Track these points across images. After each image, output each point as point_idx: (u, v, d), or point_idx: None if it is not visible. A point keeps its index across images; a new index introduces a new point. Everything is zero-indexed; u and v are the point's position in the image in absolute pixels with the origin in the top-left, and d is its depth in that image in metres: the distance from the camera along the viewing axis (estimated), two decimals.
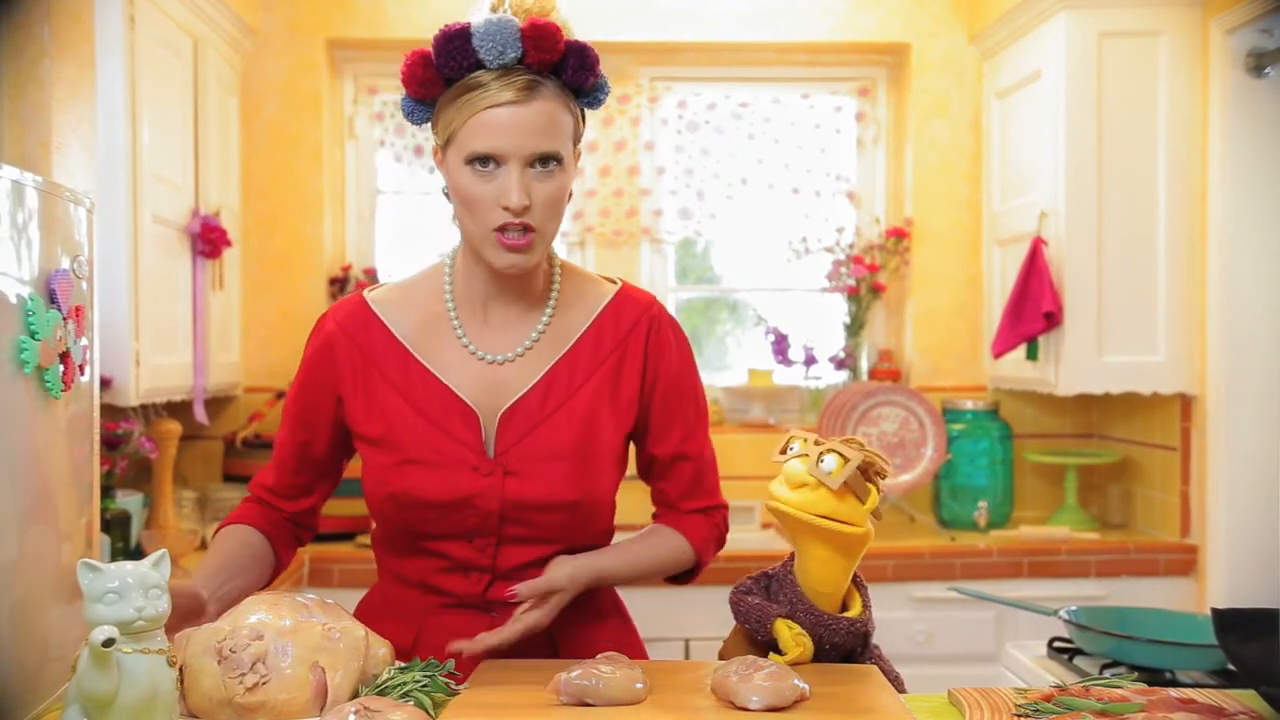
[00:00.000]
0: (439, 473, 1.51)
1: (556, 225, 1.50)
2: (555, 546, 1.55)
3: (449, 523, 1.52)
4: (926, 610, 3.23)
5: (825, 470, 1.40)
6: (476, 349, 1.55)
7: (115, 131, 2.74)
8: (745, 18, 3.77)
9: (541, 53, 1.42)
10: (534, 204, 1.44)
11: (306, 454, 1.62)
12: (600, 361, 1.57)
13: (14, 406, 1.37)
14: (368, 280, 3.79)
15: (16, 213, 1.40)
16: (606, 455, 1.55)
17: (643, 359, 1.58)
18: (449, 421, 1.52)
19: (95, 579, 1.12)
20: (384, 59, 3.84)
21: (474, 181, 1.45)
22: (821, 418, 3.65)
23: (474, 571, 1.55)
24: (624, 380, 1.57)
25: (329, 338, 1.59)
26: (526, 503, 1.51)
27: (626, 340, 1.58)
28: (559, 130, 1.45)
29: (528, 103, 1.42)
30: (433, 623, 1.56)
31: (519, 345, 1.55)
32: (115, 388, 2.72)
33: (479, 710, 1.24)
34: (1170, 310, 3.25)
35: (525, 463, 1.51)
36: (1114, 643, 2.14)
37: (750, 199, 3.87)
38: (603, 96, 1.51)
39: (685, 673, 1.40)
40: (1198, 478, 3.24)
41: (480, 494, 1.51)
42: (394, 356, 1.55)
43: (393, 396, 1.54)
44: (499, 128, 1.42)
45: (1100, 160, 3.25)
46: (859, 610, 1.49)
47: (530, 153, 1.43)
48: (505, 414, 1.52)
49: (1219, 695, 1.42)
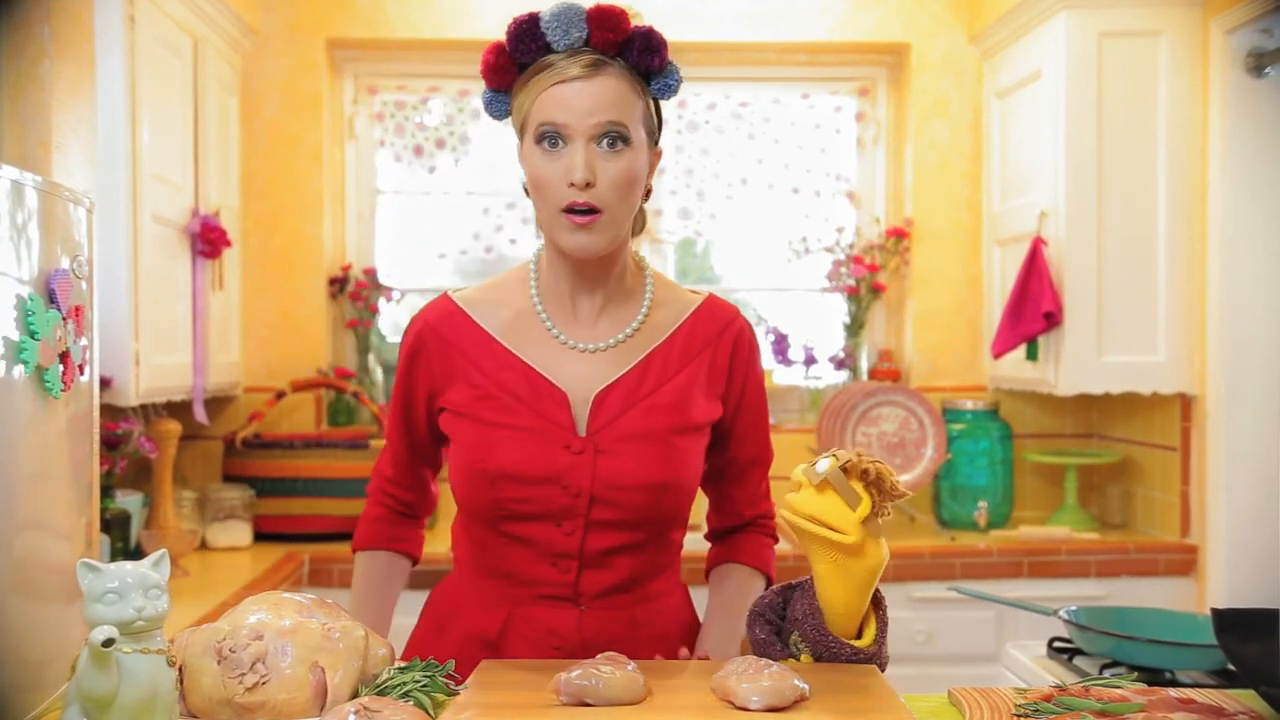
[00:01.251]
0: (532, 449, 1.52)
1: (627, 210, 1.51)
2: (641, 533, 1.56)
3: (539, 502, 1.52)
4: (926, 610, 3.23)
5: (818, 470, 1.39)
6: (567, 339, 1.58)
7: (115, 131, 2.74)
8: (745, 18, 3.77)
9: (606, 33, 1.45)
10: (600, 183, 1.46)
11: (414, 446, 1.70)
12: (692, 356, 1.60)
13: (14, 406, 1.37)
14: (368, 280, 3.79)
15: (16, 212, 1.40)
16: (696, 440, 1.59)
17: (730, 360, 1.63)
18: (539, 403, 1.54)
19: (95, 579, 1.12)
20: (384, 59, 3.84)
21: (542, 162, 1.48)
22: (821, 418, 3.65)
23: (562, 559, 1.55)
24: (715, 377, 1.61)
25: (419, 337, 1.62)
26: (617, 482, 1.52)
27: (717, 342, 1.62)
28: (626, 107, 1.47)
29: (592, 78, 1.46)
30: (521, 613, 1.56)
31: (610, 337, 1.58)
32: (115, 387, 2.72)
33: (479, 710, 1.24)
34: (1170, 310, 3.25)
35: (617, 442, 1.53)
36: (1114, 643, 2.14)
37: (750, 199, 3.87)
38: (674, 83, 1.52)
39: (685, 673, 1.40)
40: (1198, 478, 3.24)
41: (571, 471, 1.52)
42: (483, 348, 1.58)
43: (483, 381, 1.57)
44: (564, 101, 1.45)
45: (1100, 160, 3.25)
46: (871, 640, 1.45)
47: (595, 126, 1.45)
48: (599, 395, 1.55)
49: (1219, 695, 1.42)
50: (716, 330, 1.62)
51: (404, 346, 1.65)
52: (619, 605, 1.57)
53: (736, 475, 1.70)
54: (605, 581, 1.56)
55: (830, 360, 3.85)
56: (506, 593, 1.58)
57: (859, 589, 1.42)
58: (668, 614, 1.63)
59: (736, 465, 1.69)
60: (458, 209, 3.87)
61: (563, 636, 1.55)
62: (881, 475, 1.40)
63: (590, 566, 1.55)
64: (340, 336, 3.85)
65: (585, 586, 1.55)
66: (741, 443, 1.67)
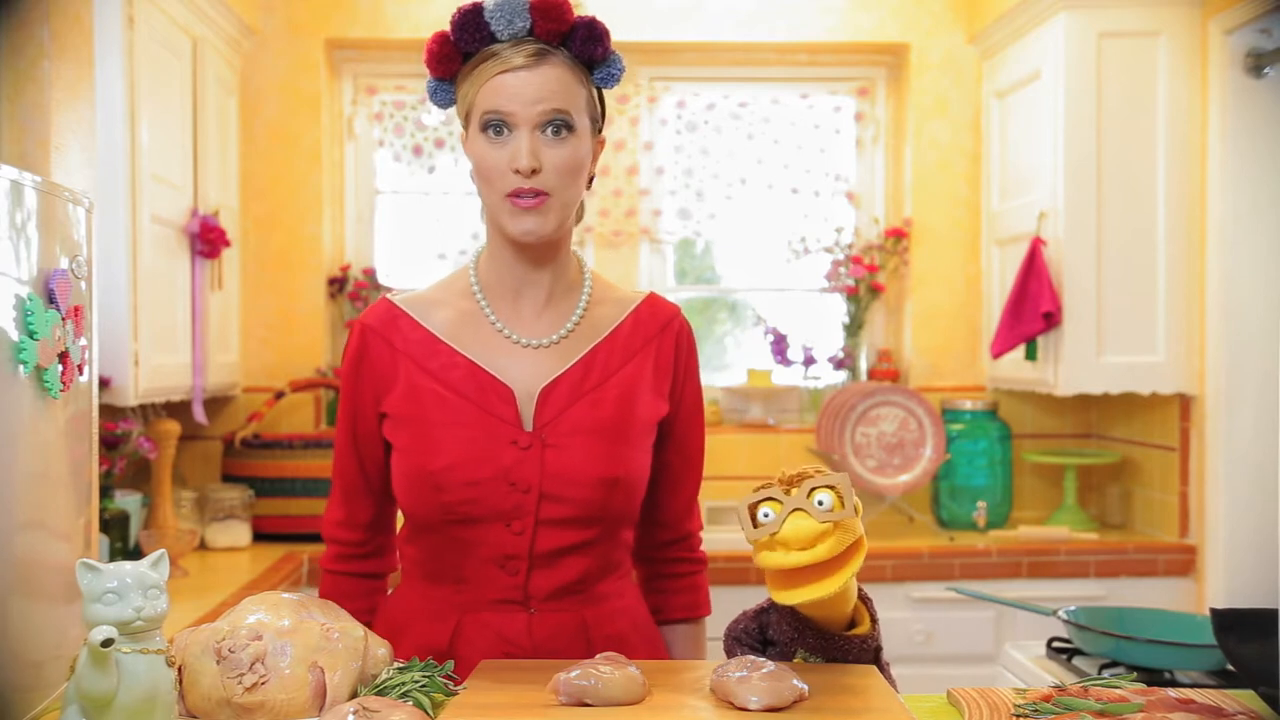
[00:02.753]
0: (478, 447, 1.51)
1: (573, 194, 1.52)
2: (592, 531, 1.54)
3: (488, 503, 1.51)
4: (925, 610, 3.23)
5: (827, 508, 1.29)
6: (512, 333, 1.57)
7: (114, 131, 2.74)
8: (744, 18, 3.77)
9: (549, 23, 1.46)
10: (545, 168, 1.47)
11: (366, 475, 1.62)
12: (634, 352, 1.60)
13: (13, 406, 1.37)
14: (367, 280, 3.79)
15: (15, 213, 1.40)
16: (644, 434, 1.58)
17: (674, 356, 1.63)
18: (485, 399, 1.53)
19: (94, 579, 1.12)
20: (383, 59, 3.84)
21: (487, 149, 1.49)
22: (820, 418, 3.66)
23: (511, 560, 1.53)
24: (660, 374, 1.61)
25: (360, 341, 1.60)
26: (566, 476, 1.51)
27: (660, 337, 1.62)
28: (570, 95, 1.48)
29: (536, 67, 1.47)
30: (470, 619, 1.55)
31: (554, 333, 1.58)
32: (114, 388, 2.72)
33: (478, 710, 1.24)
34: (1169, 310, 3.26)
35: (565, 436, 1.52)
36: (1113, 643, 2.14)
37: (749, 199, 3.87)
38: (616, 73, 1.53)
39: (684, 673, 1.40)
40: (1197, 478, 3.24)
41: (519, 466, 1.51)
42: (427, 347, 1.57)
43: (427, 381, 1.55)
44: (508, 91, 1.46)
45: (1099, 160, 3.26)
46: (868, 626, 1.45)
47: (539, 114, 1.46)
48: (545, 390, 1.54)
49: (1218, 695, 1.42)
50: (658, 327, 1.62)
51: (347, 354, 1.61)
52: (569, 607, 1.55)
53: (671, 483, 1.67)
54: (555, 582, 1.54)
55: (829, 360, 3.85)
56: (455, 600, 1.56)
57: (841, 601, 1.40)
58: (620, 615, 1.60)
59: (671, 471, 1.66)
60: (457, 209, 3.87)
61: (513, 642, 1.53)
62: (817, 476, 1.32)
63: (540, 567, 1.53)
64: (339, 337, 3.85)
65: (534, 589, 1.54)
66: (679, 447, 1.65)
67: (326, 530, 1.67)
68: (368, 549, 1.66)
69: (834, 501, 1.30)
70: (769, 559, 1.31)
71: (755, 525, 1.32)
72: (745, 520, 1.32)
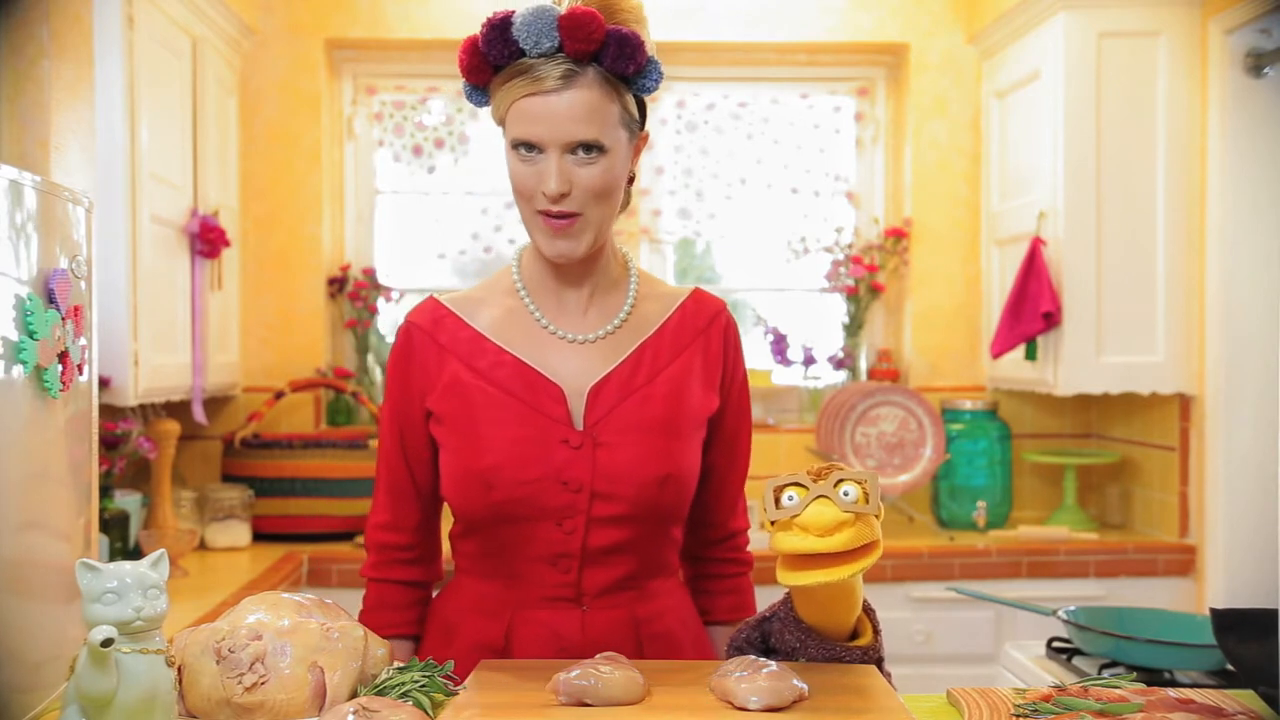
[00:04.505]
0: (529, 447, 1.50)
1: (606, 212, 1.50)
2: (642, 528, 1.54)
3: (539, 501, 1.50)
4: (925, 610, 3.23)
5: (852, 500, 1.29)
6: (558, 330, 1.56)
7: (114, 131, 2.73)
8: (744, 18, 3.77)
9: (578, 42, 1.41)
10: (575, 190, 1.46)
11: (413, 475, 1.60)
12: (683, 347, 1.59)
13: (12, 406, 1.37)
14: (367, 280, 3.79)
15: (15, 212, 1.40)
16: (695, 430, 1.57)
17: (723, 350, 1.62)
18: (535, 398, 1.52)
19: (94, 579, 1.12)
20: (383, 59, 3.84)
21: (520, 166, 1.48)
22: (820, 418, 3.65)
23: (563, 559, 1.53)
24: (710, 368, 1.60)
25: (409, 339, 1.59)
26: (618, 475, 1.50)
27: (708, 331, 1.61)
28: (599, 118, 1.45)
29: (563, 91, 1.43)
30: (523, 617, 1.54)
31: (600, 329, 1.57)
32: (114, 388, 2.72)
33: (478, 710, 1.24)
34: (1169, 310, 3.26)
35: (616, 434, 1.51)
36: (1113, 643, 2.14)
37: (749, 199, 3.87)
38: (652, 84, 1.48)
39: (685, 673, 1.40)
40: (1196, 478, 3.24)
41: (571, 466, 1.50)
42: (474, 346, 1.56)
43: (476, 381, 1.54)
44: (536, 116, 1.44)
45: (1099, 160, 3.25)
46: (870, 637, 1.45)
47: (566, 141, 1.44)
48: (595, 388, 1.53)
49: (1218, 695, 1.42)
50: (706, 321, 1.61)
51: (394, 354, 1.61)
52: (621, 604, 1.55)
53: (717, 481, 1.65)
54: (606, 579, 1.54)
55: (829, 360, 3.85)
56: (507, 597, 1.56)
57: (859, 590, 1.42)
58: (669, 612, 1.61)
59: (717, 469, 1.65)
60: (457, 209, 3.87)
61: (567, 639, 1.53)
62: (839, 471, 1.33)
63: (591, 565, 1.53)
64: (339, 337, 3.85)
65: (587, 585, 1.54)
66: (726, 443, 1.64)
67: (371, 535, 1.64)
68: (415, 554, 1.64)
69: (859, 495, 1.30)
70: (785, 540, 1.30)
71: (778, 507, 1.32)
72: (769, 501, 1.32)
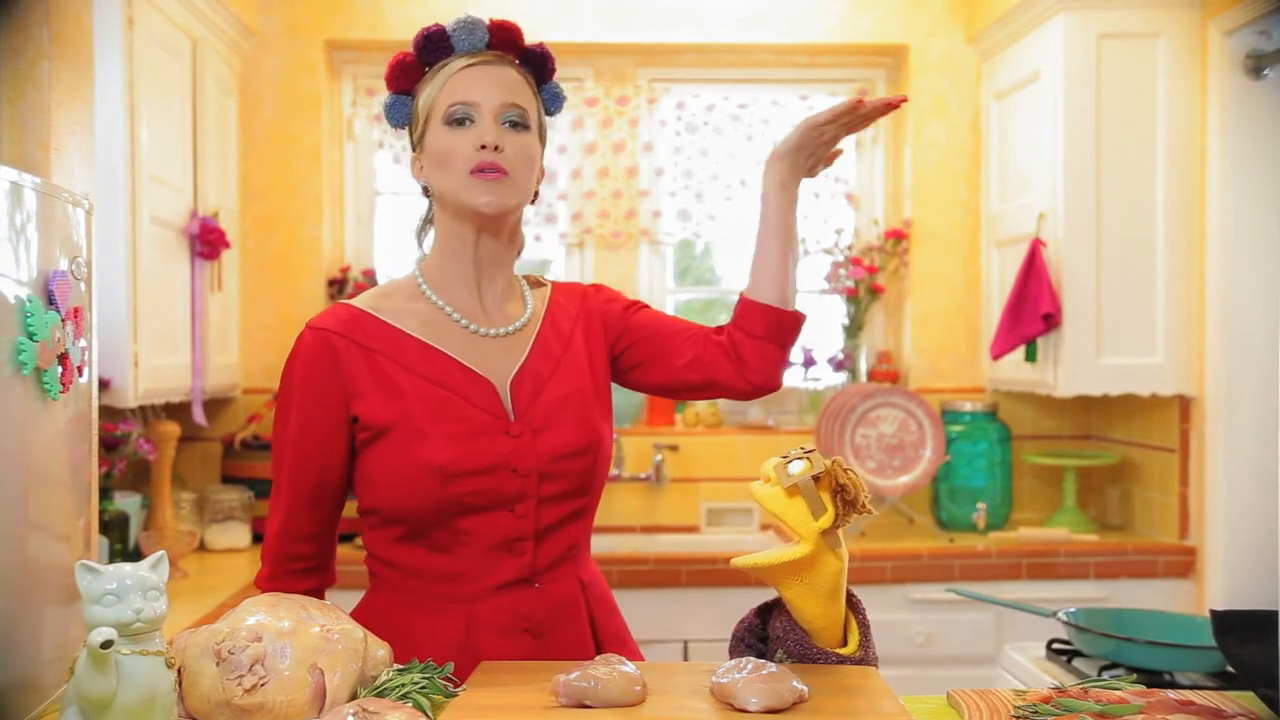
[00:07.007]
0: (475, 441, 1.55)
1: (527, 183, 1.62)
2: (582, 499, 1.63)
3: (494, 491, 1.55)
4: (925, 612, 3.23)
5: (791, 472, 1.41)
6: (478, 328, 1.63)
7: (114, 133, 2.74)
8: (744, 19, 3.78)
9: (504, 42, 1.63)
10: (507, 150, 1.57)
11: (324, 482, 1.58)
12: (569, 332, 1.70)
13: (12, 408, 1.37)
14: (367, 282, 3.79)
15: (15, 214, 1.40)
16: (603, 399, 1.69)
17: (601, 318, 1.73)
18: (471, 393, 1.58)
19: (93, 580, 1.12)
20: (382, 60, 3.79)
21: (450, 138, 1.58)
22: (820, 419, 3.65)
23: (518, 542, 1.57)
24: (592, 338, 1.71)
25: (323, 343, 1.56)
26: (558, 453, 1.59)
27: (579, 311, 1.73)
28: (526, 95, 1.62)
29: (497, 65, 1.62)
30: (482, 607, 1.56)
31: (510, 324, 1.66)
32: (114, 389, 2.72)
33: (477, 712, 1.24)
34: (1169, 311, 3.26)
35: (543, 419, 1.60)
36: (1113, 644, 2.14)
37: (749, 200, 3.87)
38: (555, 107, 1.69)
39: (684, 674, 1.40)
40: (1196, 479, 3.24)
41: (516, 454, 1.56)
42: (401, 343, 1.59)
43: (409, 377, 1.57)
44: (473, 82, 1.60)
45: (1099, 162, 3.26)
46: (855, 646, 1.44)
47: (501, 105, 1.59)
48: (515, 379, 1.61)
49: (1217, 697, 1.42)
50: (576, 303, 1.73)
51: (303, 362, 1.56)
52: (567, 573, 1.62)
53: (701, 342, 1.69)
54: (554, 553, 1.61)
55: (829, 362, 3.85)
56: (458, 592, 1.57)
57: (828, 599, 1.42)
58: (598, 574, 1.71)
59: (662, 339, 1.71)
60: None
61: (527, 617, 1.57)
62: (853, 489, 1.40)
63: (542, 544, 1.59)
64: None
65: (540, 564, 1.59)
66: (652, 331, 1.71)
67: (274, 546, 1.59)
68: (314, 562, 1.62)
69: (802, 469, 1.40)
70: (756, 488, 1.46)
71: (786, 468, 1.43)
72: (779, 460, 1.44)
